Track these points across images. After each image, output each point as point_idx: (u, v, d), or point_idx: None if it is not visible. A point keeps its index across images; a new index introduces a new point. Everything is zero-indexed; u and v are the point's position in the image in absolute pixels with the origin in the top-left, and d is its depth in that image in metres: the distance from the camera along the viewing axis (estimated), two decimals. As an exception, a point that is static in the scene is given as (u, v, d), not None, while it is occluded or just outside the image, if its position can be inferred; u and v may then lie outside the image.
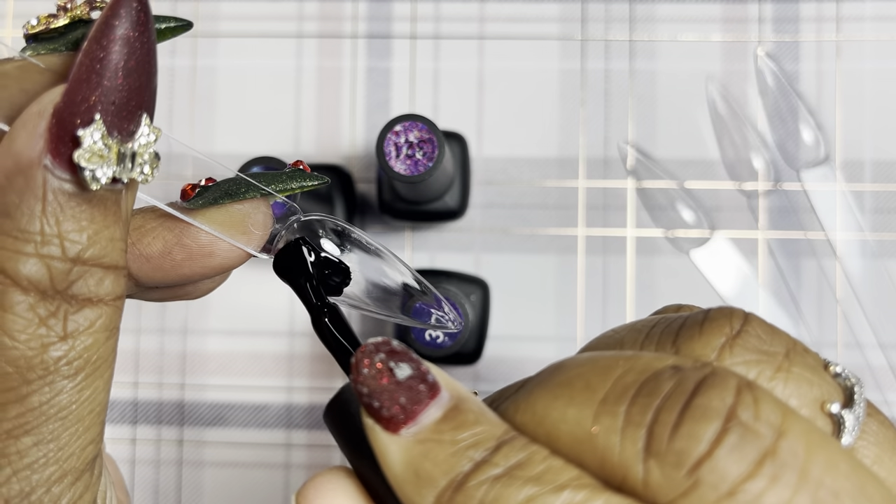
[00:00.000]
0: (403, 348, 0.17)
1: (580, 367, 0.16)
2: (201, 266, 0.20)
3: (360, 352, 0.16)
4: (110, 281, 0.17)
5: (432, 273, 0.40)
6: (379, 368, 0.16)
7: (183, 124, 0.44)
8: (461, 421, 0.16)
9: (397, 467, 0.16)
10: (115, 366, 0.44)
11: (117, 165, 0.16)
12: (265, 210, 0.21)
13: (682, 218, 0.42)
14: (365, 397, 0.16)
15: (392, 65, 0.43)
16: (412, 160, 0.34)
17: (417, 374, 0.16)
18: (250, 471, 0.42)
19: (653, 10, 0.43)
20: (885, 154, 0.42)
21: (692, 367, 0.15)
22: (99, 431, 0.18)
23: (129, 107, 0.16)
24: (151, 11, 0.16)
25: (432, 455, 0.16)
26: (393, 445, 0.16)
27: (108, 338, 0.17)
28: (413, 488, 0.15)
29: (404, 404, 0.16)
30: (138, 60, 0.16)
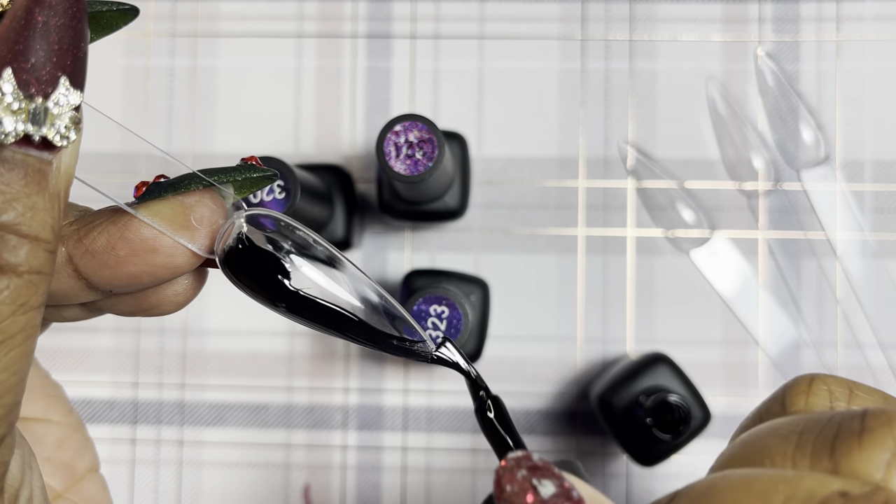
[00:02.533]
0: (545, 463, 0.16)
1: (735, 490, 0.15)
2: (146, 263, 0.19)
3: (502, 467, 0.16)
4: (26, 250, 0.16)
5: (432, 273, 0.40)
6: (522, 486, 0.16)
7: (183, 124, 0.44)
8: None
9: None
10: (114, 365, 0.44)
11: (28, 122, 0.16)
12: (210, 203, 0.20)
13: (683, 218, 0.42)
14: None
15: (392, 65, 0.43)
16: (412, 160, 0.34)
17: (561, 492, 0.16)
18: (250, 471, 0.42)
19: (653, 9, 0.43)
20: (885, 154, 0.42)
21: (862, 496, 0.14)
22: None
23: (47, 66, 0.16)
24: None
25: None
26: None
27: (15, 313, 0.16)
28: None
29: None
30: (62, 23, 0.16)
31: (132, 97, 0.44)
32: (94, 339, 0.43)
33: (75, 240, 0.19)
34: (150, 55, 0.44)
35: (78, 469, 0.25)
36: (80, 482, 0.25)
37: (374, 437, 0.42)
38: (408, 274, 0.40)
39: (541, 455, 0.17)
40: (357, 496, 0.42)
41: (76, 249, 0.19)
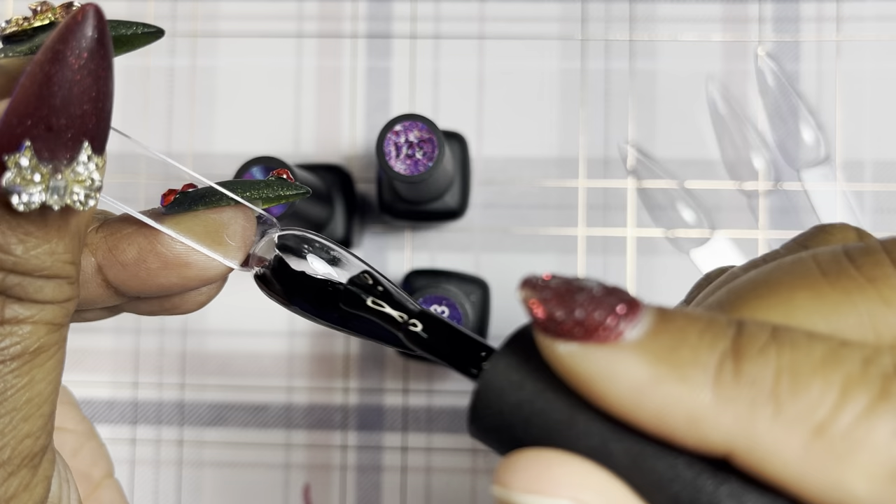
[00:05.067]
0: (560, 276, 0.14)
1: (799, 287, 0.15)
2: (178, 276, 0.19)
3: (526, 281, 0.14)
4: (51, 288, 0.17)
5: (432, 273, 0.40)
6: (559, 288, 0.14)
7: (182, 124, 0.44)
8: (684, 314, 0.14)
9: (640, 372, 0.13)
10: (114, 365, 0.44)
11: (47, 193, 0.15)
12: (243, 221, 0.20)
13: (683, 218, 0.42)
14: (557, 315, 0.14)
15: (392, 65, 0.43)
16: (412, 160, 0.34)
17: (604, 287, 0.14)
18: (250, 471, 0.42)
19: (653, 9, 0.43)
20: (885, 154, 0.42)
21: None
22: (40, 426, 0.17)
23: (68, 135, 0.15)
24: (108, 39, 0.15)
25: (681, 341, 0.13)
26: (621, 353, 0.13)
27: (50, 331, 0.17)
28: (678, 382, 0.13)
29: (614, 307, 0.14)
30: (86, 84, 0.15)
31: (132, 97, 0.44)
32: (94, 339, 0.43)
33: (104, 250, 0.19)
34: (149, 55, 0.44)
35: (94, 477, 0.25)
36: (97, 490, 0.25)
37: (374, 437, 0.42)
38: (408, 274, 0.40)
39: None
40: (357, 496, 0.42)
41: (106, 260, 0.19)
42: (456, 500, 0.42)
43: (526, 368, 0.15)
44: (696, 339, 0.13)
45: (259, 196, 0.20)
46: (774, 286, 0.15)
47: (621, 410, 0.14)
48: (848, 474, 0.13)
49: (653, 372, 0.13)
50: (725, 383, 0.13)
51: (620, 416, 0.14)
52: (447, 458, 0.42)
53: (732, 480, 0.14)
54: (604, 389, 0.14)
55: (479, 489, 0.42)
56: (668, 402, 0.13)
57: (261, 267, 0.20)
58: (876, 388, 0.13)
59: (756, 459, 0.13)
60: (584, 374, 0.14)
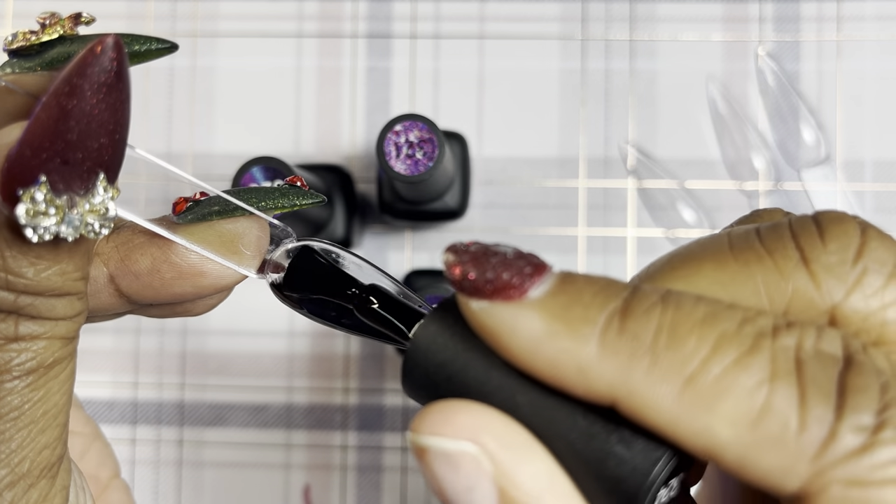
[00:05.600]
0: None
1: (696, 265, 0.16)
2: (192, 286, 0.19)
3: (450, 247, 0.16)
4: (63, 305, 0.17)
5: (432, 273, 0.40)
6: (476, 252, 0.16)
7: (182, 124, 0.44)
8: (585, 278, 0.15)
9: (537, 326, 0.15)
10: (114, 366, 0.44)
11: (61, 225, 0.15)
12: (259, 230, 0.20)
13: (683, 218, 0.42)
14: (471, 276, 0.15)
15: (392, 64, 0.43)
16: (412, 160, 0.34)
17: (518, 252, 0.16)
18: (250, 471, 0.42)
19: (653, 9, 0.43)
20: (885, 154, 0.42)
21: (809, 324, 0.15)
22: (56, 436, 0.17)
23: (84, 167, 0.15)
24: (127, 71, 0.15)
25: (575, 301, 0.15)
26: (522, 310, 0.15)
27: (64, 345, 0.17)
28: (569, 336, 0.14)
29: (522, 269, 0.15)
30: (101, 122, 0.15)
31: (132, 97, 0.44)
32: (94, 339, 0.43)
33: (116, 260, 0.19)
34: (149, 55, 0.44)
35: (102, 478, 0.25)
36: (105, 490, 0.25)
37: (374, 437, 0.42)
38: (408, 274, 0.40)
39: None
40: (357, 496, 0.42)
41: (118, 271, 0.19)
42: (456, 500, 0.42)
43: (450, 332, 0.16)
44: (590, 299, 0.15)
45: (274, 205, 0.20)
46: (686, 258, 0.17)
47: (521, 361, 0.15)
48: (713, 420, 0.14)
49: (547, 326, 0.15)
50: (610, 338, 0.14)
51: (521, 366, 0.15)
52: (447, 458, 0.42)
53: (623, 429, 0.15)
54: (507, 342, 0.15)
55: (479, 489, 0.42)
56: (559, 354, 0.15)
57: (277, 274, 0.20)
58: (746, 344, 0.14)
59: (635, 406, 0.14)
60: (492, 327, 0.15)
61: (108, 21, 0.44)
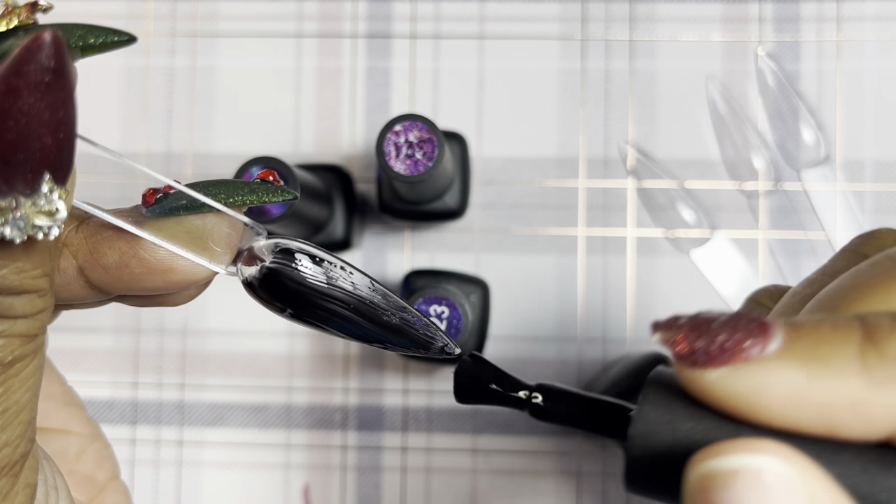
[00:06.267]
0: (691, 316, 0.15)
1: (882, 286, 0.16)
2: (163, 281, 0.19)
3: (658, 324, 0.15)
4: (22, 303, 0.16)
5: (432, 273, 0.40)
6: (693, 322, 0.15)
7: (182, 124, 0.44)
8: (808, 319, 0.15)
9: (794, 376, 0.14)
10: (114, 366, 0.44)
11: (6, 227, 0.15)
12: (228, 226, 0.19)
13: (683, 218, 0.42)
14: (702, 346, 0.14)
15: (392, 65, 0.43)
16: (412, 160, 0.34)
17: (732, 315, 0.15)
18: (250, 471, 0.42)
19: (653, 9, 0.43)
20: (885, 154, 0.42)
21: None
22: (19, 434, 0.17)
23: (27, 168, 0.15)
24: (67, 67, 0.14)
25: (818, 341, 0.14)
26: (769, 366, 0.14)
27: (24, 343, 0.17)
28: (832, 375, 0.14)
29: (748, 327, 0.15)
30: (42, 122, 0.14)
31: (132, 97, 0.44)
32: (94, 339, 0.43)
33: (85, 252, 0.18)
34: (149, 55, 0.44)
35: (99, 480, 0.24)
36: (102, 492, 0.24)
37: (374, 437, 0.42)
38: (408, 274, 0.40)
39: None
40: (357, 496, 0.42)
41: (87, 263, 0.18)
42: (456, 500, 0.42)
43: (674, 408, 0.15)
44: (831, 335, 0.14)
45: (242, 201, 0.19)
46: (867, 287, 0.17)
47: (783, 418, 0.14)
48: None
49: (806, 372, 0.14)
50: (873, 365, 0.14)
51: (783, 424, 0.14)
52: (447, 458, 0.42)
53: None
54: (762, 403, 0.14)
55: (479, 489, 0.42)
56: (829, 396, 0.14)
57: (250, 268, 0.20)
58: None
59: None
60: (738, 394, 0.14)
61: (108, 21, 0.44)
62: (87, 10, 0.44)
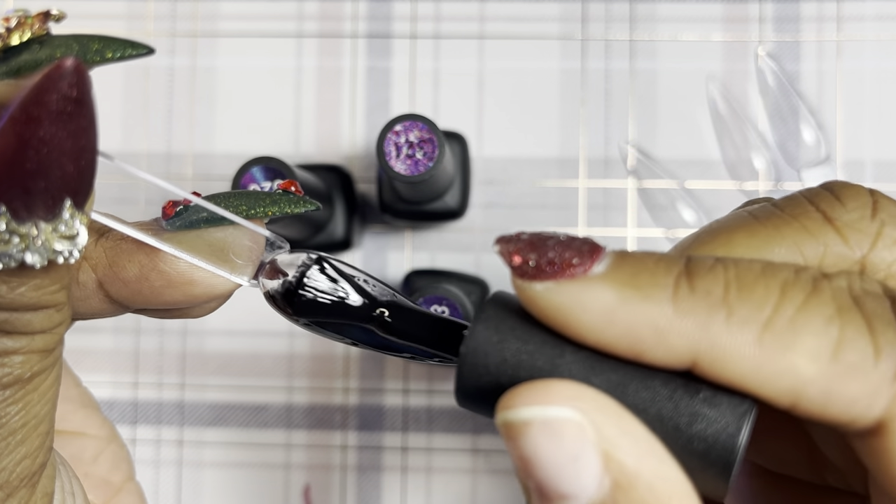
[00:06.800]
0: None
1: (741, 233, 0.18)
2: (183, 294, 0.18)
3: (500, 238, 0.16)
4: (40, 318, 0.16)
5: (432, 273, 0.40)
6: (531, 239, 0.16)
7: (182, 124, 0.44)
8: (640, 252, 0.16)
9: (609, 296, 0.15)
10: (114, 365, 0.44)
11: (25, 252, 0.15)
12: (249, 239, 0.19)
13: (683, 218, 0.42)
14: (532, 259, 0.15)
15: (392, 65, 0.43)
16: (412, 160, 0.34)
17: (569, 235, 0.16)
18: (250, 471, 0.42)
19: (653, 9, 0.43)
20: (885, 154, 0.42)
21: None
22: (37, 446, 0.17)
23: (48, 196, 0.14)
24: (89, 95, 0.14)
25: (640, 269, 0.15)
26: (591, 284, 0.15)
27: (43, 358, 0.17)
28: (642, 301, 0.15)
29: (580, 248, 0.16)
30: (63, 151, 0.14)
31: (132, 97, 0.44)
32: (94, 339, 0.43)
33: (105, 265, 0.18)
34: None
35: (114, 482, 0.24)
36: (117, 494, 0.24)
37: (374, 437, 0.42)
38: (408, 274, 0.40)
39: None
40: (357, 496, 0.42)
41: (106, 277, 0.18)
42: (456, 500, 0.42)
43: (504, 328, 0.16)
44: (653, 266, 0.16)
45: (264, 212, 0.19)
46: (714, 233, 0.18)
47: (595, 335, 0.15)
48: (795, 358, 0.15)
49: (619, 295, 0.15)
50: (683, 296, 0.15)
51: (594, 341, 0.15)
52: (447, 458, 0.42)
53: (704, 389, 0.15)
54: (578, 318, 0.15)
55: (479, 489, 0.42)
56: (635, 318, 0.15)
57: (272, 282, 0.20)
58: (808, 286, 0.15)
59: (717, 360, 0.15)
60: (560, 307, 0.15)
61: (108, 21, 0.44)
62: (87, 10, 0.44)
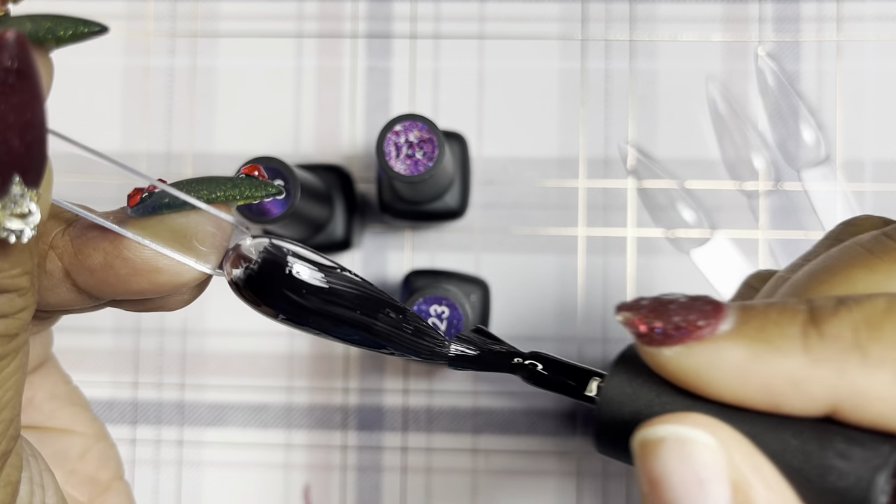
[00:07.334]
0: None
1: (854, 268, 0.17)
2: (149, 282, 0.18)
3: (622, 305, 0.16)
4: (1, 302, 0.16)
5: (432, 273, 0.40)
6: (653, 304, 0.16)
7: (182, 124, 0.44)
8: (762, 303, 0.16)
9: (741, 354, 0.15)
10: (114, 366, 0.44)
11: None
12: (212, 224, 0.19)
13: (683, 218, 0.42)
14: (658, 326, 0.16)
15: (392, 64, 0.43)
16: (412, 160, 0.34)
17: (688, 296, 0.16)
18: (250, 471, 0.42)
19: (653, 9, 0.43)
20: (885, 154, 0.42)
21: None
22: (0, 432, 0.17)
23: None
24: (32, 68, 0.14)
25: (765, 323, 0.15)
26: (720, 344, 0.15)
27: (4, 343, 0.16)
28: (775, 354, 0.15)
29: (703, 309, 0.16)
30: (7, 124, 0.14)
31: (132, 97, 0.44)
32: (94, 339, 0.43)
33: (70, 254, 0.18)
34: (149, 55, 0.44)
35: (101, 480, 0.24)
36: (104, 493, 0.24)
37: (374, 437, 0.42)
38: (408, 274, 0.40)
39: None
40: (357, 497, 0.42)
41: (72, 266, 0.18)
42: (456, 500, 0.42)
43: (636, 382, 0.17)
44: (778, 317, 0.16)
45: (224, 197, 0.19)
46: (831, 271, 0.18)
47: (729, 392, 0.16)
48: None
49: (750, 351, 0.15)
50: (814, 344, 0.15)
51: (729, 398, 0.16)
52: (447, 458, 0.42)
53: (837, 442, 0.15)
54: (711, 378, 0.16)
55: (479, 489, 0.42)
56: (771, 372, 0.15)
57: (237, 270, 0.19)
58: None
59: (857, 404, 0.15)
60: (691, 369, 0.16)
61: (107, 21, 0.44)
62: (88, 10, 0.44)
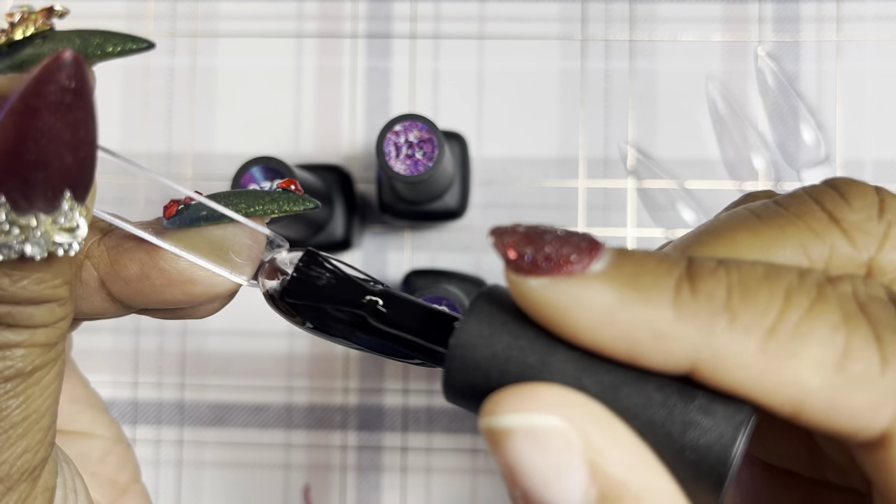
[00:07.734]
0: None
1: (743, 234, 0.17)
2: (183, 293, 0.18)
3: (495, 229, 0.15)
4: (42, 312, 0.16)
5: (432, 273, 0.40)
6: (528, 231, 0.15)
7: (182, 124, 0.44)
8: (641, 251, 0.15)
9: (607, 297, 0.14)
10: (114, 365, 0.44)
11: (25, 244, 0.15)
12: (248, 237, 0.19)
13: (683, 218, 0.42)
14: (528, 254, 0.15)
15: (392, 65, 0.43)
16: (412, 160, 0.34)
17: (567, 230, 0.15)
18: (250, 471, 0.42)
19: (653, 9, 0.43)
20: (885, 154, 0.42)
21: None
22: (39, 440, 0.17)
23: (47, 187, 0.15)
24: (87, 87, 0.14)
25: (641, 270, 0.15)
26: (589, 282, 0.14)
27: (44, 352, 0.17)
28: (643, 303, 0.14)
29: (579, 244, 0.15)
30: (62, 142, 0.14)
31: (132, 97, 0.44)
32: (94, 339, 0.43)
33: (106, 264, 0.18)
34: (149, 55, 0.44)
35: (121, 482, 0.24)
36: (124, 495, 0.24)
37: (374, 437, 0.42)
38: (408, 274, 0.40)
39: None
40: (357, 497, 0.42)
41: (108, 275, 0.18)
42: (456, 500, 0.42)
43: (495, 322, 0.16)
44: (654, 267, 0.15)
45: (263, 210, 0.19)
46: (716, 232, 0.17)
47: (589, 336, 0.15)
48: (799, 367, 0.14)
49: (618, 296, 0.14)
50: (685, 300, 0.14)
51: (589, 343, 0.15)
52: (447, 458, 0.42)
53: (700, 396, 0.15)
54: (574, 318, 0.15)
55: (479, 489, 0.42)
56: (634, 321, 0.14)
57: (271, 282, 0.20)
58: (813, 292, 0.14)
59: (718, 367, 0.14)
60: (555, 305, 0.15)
61: (108, 21, 0.44)
62: (88, 9, 0.44)
